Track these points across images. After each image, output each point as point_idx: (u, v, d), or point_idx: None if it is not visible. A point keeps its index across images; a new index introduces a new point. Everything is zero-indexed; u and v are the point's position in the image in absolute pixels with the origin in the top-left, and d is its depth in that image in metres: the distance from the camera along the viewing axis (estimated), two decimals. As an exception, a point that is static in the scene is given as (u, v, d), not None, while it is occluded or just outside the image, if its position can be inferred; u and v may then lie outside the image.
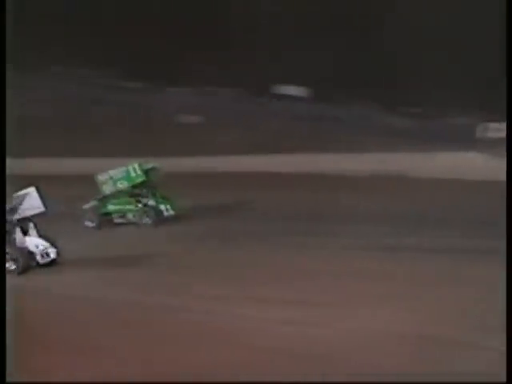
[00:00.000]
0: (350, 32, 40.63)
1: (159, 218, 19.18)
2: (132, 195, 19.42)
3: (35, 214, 14.44)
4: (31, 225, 14.49)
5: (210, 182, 26.26)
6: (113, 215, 19.34)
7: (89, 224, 18.96)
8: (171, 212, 19.42)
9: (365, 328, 9.65)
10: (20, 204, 14.35)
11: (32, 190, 14.48)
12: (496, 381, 7.27)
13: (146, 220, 19.10)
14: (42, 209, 14.34)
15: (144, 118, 42.48)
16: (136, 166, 19.43)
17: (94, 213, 19.12)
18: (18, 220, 14.27)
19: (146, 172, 19.59)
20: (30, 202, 14.43)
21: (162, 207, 19.43)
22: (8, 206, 14.02)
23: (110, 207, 19.31)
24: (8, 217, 13.95)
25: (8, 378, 7.48)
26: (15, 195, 14.44)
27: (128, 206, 19.32)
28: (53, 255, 14.11)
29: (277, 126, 40.78)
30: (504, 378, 7.04)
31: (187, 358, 8.48)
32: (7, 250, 13.68)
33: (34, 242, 14.24)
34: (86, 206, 19.15)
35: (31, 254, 14.04)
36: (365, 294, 11.27)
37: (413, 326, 9.66)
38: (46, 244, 14.21)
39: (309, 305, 10.57)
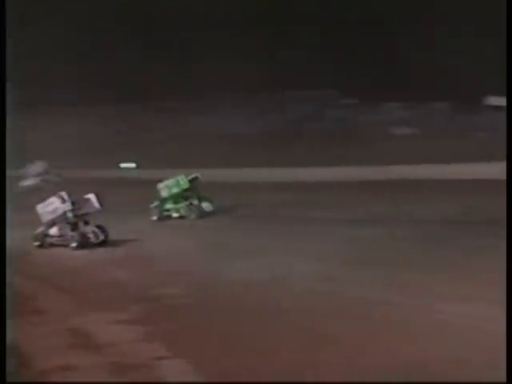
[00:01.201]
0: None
1: (201, 213, 24.75)
2: (183, 197, 25.43)
3: (94, 211, 20.03)
4: (90, 218, 20.12)
5: (416, 188, 28.29)
6: (170, 211, 25.39)
7: (153, 218, 24.94)
8: (211, 208, 25.20)
9: None
10: (84, 204, 20.03)
11: (92, 196, 20.01)
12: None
13: (192, 215, 24.83)
14: (99, 208, 19.88)
15: (359, 131, 45.99)
16: (183, 176, 25.54)
17: (157, 210, 25.28)
18: (82, 214, 19.99)
19: (190, 181, 25.50)
20: (91, 203, 19.99)
21: (203, 205, 25.20)
22: (76, 206, 19.96)
23: (168, 206, 25.50)
24: (75, 212, 19.97)
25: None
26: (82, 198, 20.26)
27: (180, 205, 25.35)
28: (101, 237, 19.34)
29: (487, 135, 41.76)
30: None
31: (397, 352, 8.80)
32: (71, 234, 19.51)
33: (90, 229, 19.57)
34: (152, 206, 25.36)
35: (88, 237, 19.39)
36: None
37: None
38: (98, 230, 19.45)
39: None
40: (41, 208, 20.14)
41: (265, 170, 34.04)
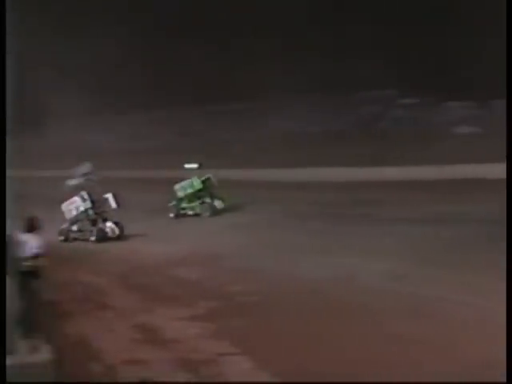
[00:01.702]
0: None
1: (214, 211, 25.69)
2: (197, 196, 26.54)
3: (110, 210, 21.69)
4: (107, 215, 21.50)
5: (479, 188, 26.92)
6: (185, 210, 26.36)
7: (171, 215, 25.99)
8: (222, 206, 26.20)
9: None
10: (103, 203, 21.60)
11: (110, 195, 21.58)
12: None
13: (206, 212, 25.88)
14: (115, 207, 21.46)
15: (419, 130, 44.35)
16: (196, 178, 26.55)
17: (174, 208, 26.25)
18: (101, 212, 21.62)
19: (203, 181, 26.56)
20: (109, 202, 21.62)
21: (215, 203, 26.24)
22: (95, 204, 21.54)
23: (184, 205, 26.52)
24: (96, 210, 21.52)
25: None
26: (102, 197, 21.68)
27: (194, 204, 26.41)
28: (117, 232, 20.93)
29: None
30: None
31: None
32: (91, 229, 21.13)
33: (107, 225, 21.17)
34: (170, 205, 26.34)
35: (105, 232, 21.01)
36: None
37: None
38: (114, 226, 21.03)
39: None
40: (65, 206, 21.88)
41: (326, 169, 33.78)
